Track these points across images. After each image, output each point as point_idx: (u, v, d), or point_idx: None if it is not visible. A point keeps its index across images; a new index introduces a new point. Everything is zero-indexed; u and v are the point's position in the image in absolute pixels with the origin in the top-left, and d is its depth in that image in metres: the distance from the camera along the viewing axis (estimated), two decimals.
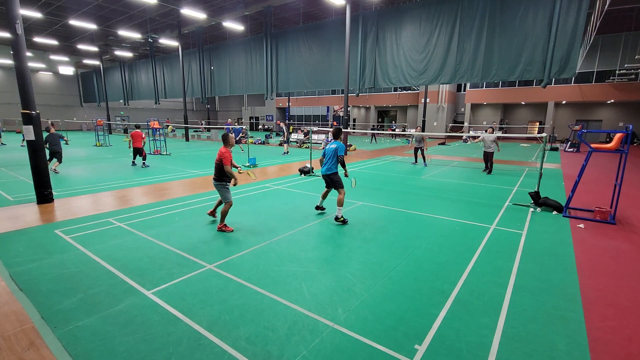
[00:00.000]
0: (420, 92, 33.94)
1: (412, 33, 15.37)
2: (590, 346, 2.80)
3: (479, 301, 3.45)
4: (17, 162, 12.80)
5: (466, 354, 2.68)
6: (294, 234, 5.38)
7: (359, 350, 2.70)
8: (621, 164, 6.21)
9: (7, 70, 34.92)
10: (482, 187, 9.29)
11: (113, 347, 2.70)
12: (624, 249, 4.96)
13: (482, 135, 11.56)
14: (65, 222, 5.85)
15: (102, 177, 10.24)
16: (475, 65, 13.79)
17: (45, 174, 7.06)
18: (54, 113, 37.40)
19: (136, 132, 12.37)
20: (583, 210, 6.90)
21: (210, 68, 25.46)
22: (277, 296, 3.48)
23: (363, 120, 43.97)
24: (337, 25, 17.80)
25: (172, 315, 3.13)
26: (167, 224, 5.79)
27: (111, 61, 36.66)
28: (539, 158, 16.51)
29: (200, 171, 11.58)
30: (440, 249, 4.83)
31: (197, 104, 52.43)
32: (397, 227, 5.78)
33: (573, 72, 11.85)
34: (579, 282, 3.89)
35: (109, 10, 21.70)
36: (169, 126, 24.23)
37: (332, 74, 18.46)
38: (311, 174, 10.83)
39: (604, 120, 29.11)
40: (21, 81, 6.73)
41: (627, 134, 5.91)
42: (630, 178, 10.89)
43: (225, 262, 4.28)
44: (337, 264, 4.32)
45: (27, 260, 4.29)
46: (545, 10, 12.01)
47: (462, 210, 6.92)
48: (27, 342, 2.77)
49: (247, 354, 2.63)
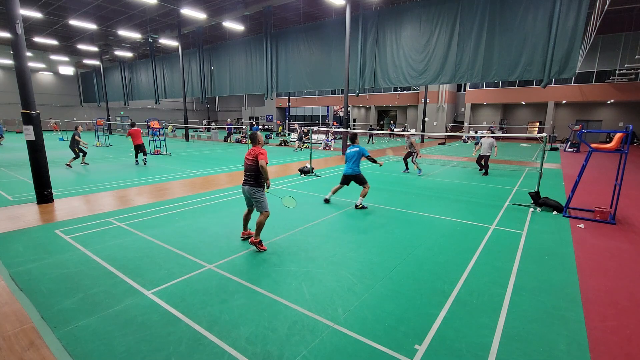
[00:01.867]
0: (420, 92, 33.94)
1: (412, 33, 15.37)
2: (590, 346, 2.80)
3: (479, 301, 3.45)
4: (17, 162, 12.80)
5: (466, 354, 2.68)
6: (293, 233, 5.38)
7: (359, 350, 2.70)
8: (621, 164, 6.21)
9: (7, 70, 34.93)
10: (482, 187, 9.29)
11: (113, 347, 2.70)
12: (624, 249, 4.96)
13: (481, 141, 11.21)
14: (65, 222, 5.85)
15: (102, 177, 10.24)
16: (475, 65, 13.79)
17: (45, 174, 7.07)
18: (54, 113, 37.42)
19: (134, 129, 12.45)
20: (583, 210, 6.90)
21: (210, 68, 25.46)
22: (277, 296, 3.48)
23: (363, 120, 43.96)
24: (337, 25, 17.80)
25: (172, 315, 3.13)
26: (167, 224, 5.78)
27: (111, 61, 36.65)
28: (539, 158, 16.51)
29: (200, 171, 11.58)
30: (440, 249, 4.83)
31: (197, 104, 52.45)
32: (397, 227, 5.78)
33: (573, 72, 11.85)
34: (579, 282, 3.89)
35: (109, 10, 21.70)
36: (168, 126, 24.24)
37: (332, 74, 18.46)
38: (311, 174, 10.83)
39: (604, 120, 29.11)
40: (21, 81, 6.73)
41: (627, 134, 5.91)
42: (630, 178, 10.89)
43: (225, 262, 4.28)
44: (337, 264, 4.32)
45: (27, 260, 4.29)
46: (545, 10, 12.01)
47: (462, 210, 6.92)
48: (27, 342, 2.77)
49: (247, 354, 2.63)
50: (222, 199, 7.66)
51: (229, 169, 12.27)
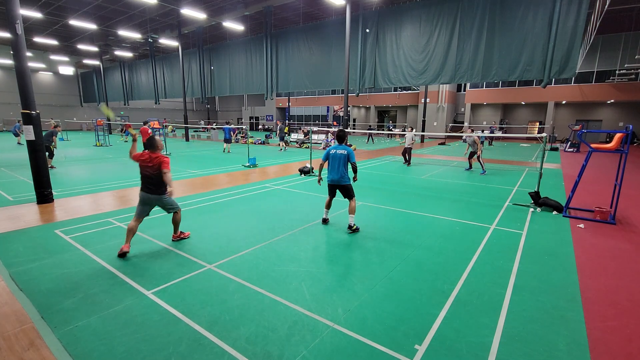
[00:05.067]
0: (420, 92, 33.93)
1: (412, 33, 15.37)
2: (590, 346, 2.80)
3: (479, 301, 3.45)
4: (17, 162, 12.80)
5: (466, 354, 2.68)
6: (294, 234, 5.38)
7: (359, 350, 2.70)
8: (621, 164, 6.21)
9: (7, 70, 34.93)
10: (482, 187, 9.29)
11: (113, 347, 2.70)
12: (624, 249, 4.96)
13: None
14: (65, 222, 5.85)
15: (102, 177, 10.24)
16: (475, 65, 13.79)
17: (45, 174, 7.06)
18: (54, 113, 37.41)
19: (143, 127, 13.11)
20: (583, 210, 6.90)
21: (210, 68, 25.46)
22: (277, 296, 3.47)
23: (363, 120, 43.96)
24: (337, 25, 17.80)
25: (172, 315, 3.13)
26: (167, 224, 5.78)
27: (111, 61, 36.66)
28: (539, 158, 16.51)
29: (200, 171, 11.58)
30: (440, 249, 4.83)
31: (197, 104, 52.46)
32: (397, 227, 5.78)
33: (573, 72, 11.86)
34: (579, 282, 3.89)
35: (109, 10, 21.69)
36: (168, 126, 24.26)
37: (332, 74, 18.47)
38: (311, 174, 10.83)
39: (604, 120, 29.10)
40: (21, 81, 6.73)
41: (627, 134, 5.91)
42: (630, 178, 10.89)
43: (225, 262, 4.28)
44: (337, 263, 4.32)
45: (27, 260, 4.29)
46: (545, 10, 12.02)
47: (462, 210, 6.92)
48: (27, 342, 2.76)
49: (247, 354, 2.63)
50: (222, 199, 7.66)
51: (229, 169, 12.27)
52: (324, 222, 5.93)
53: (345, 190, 5.53)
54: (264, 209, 6.85)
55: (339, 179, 5.47)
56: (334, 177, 5.50)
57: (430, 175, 11.28)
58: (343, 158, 5.43)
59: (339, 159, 5.43)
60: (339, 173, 5.45)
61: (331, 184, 5.59)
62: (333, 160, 5.48)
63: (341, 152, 5.43)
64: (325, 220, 5.93)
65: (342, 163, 5.44)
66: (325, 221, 5.93)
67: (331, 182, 5.56)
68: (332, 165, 5.50)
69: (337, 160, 5.45)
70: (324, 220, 5.94)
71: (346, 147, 5.48)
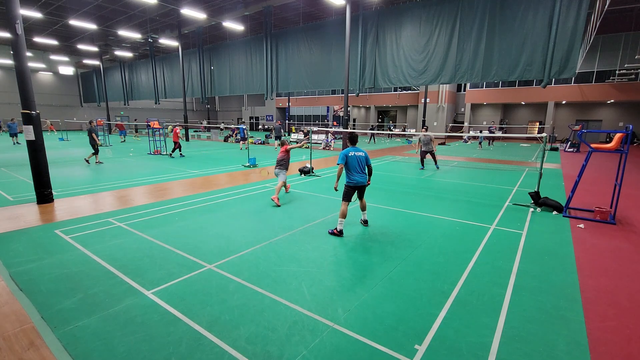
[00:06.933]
0: (420, 92, 33.95)
1: (412, 33, 15.37)
2: (590, 346, 2.80)
3: (479, 301, 3.45)
4: (17, 162, 12.80)
5: (466, 354, 2.68)
6: (294, 234, 5.38)
7: (359, 350, 2.70)
8: (621, 164, 6.21)
9: (7, 70, 34.92)
10: (482, 187, 9.29)
11: (113, 347, 2.70)
12: (624, 249, 4.96)
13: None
14: (65, 222, 5.85)
15: (102, 177, 10.24)
16: (475, 65, 13.80)
17: (45, 174, 7.07)
18: (54, 113, 37.41)
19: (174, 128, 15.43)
20: (583, 210, 6.90)
21: (210, 68, 25.47)
22: (277, 296, 3.47)
23: (363, 120, 43.97)
24: (337, 25, 17.80)
25: (172, 315, 3.13)
26: (167, 224, 5.78)
27: (111, 61, 36.64)
28: (539, 158, 16.51)
29: (200, 171, 11.58)
30: (440, 249, 4.83)
31: (197, 104, 52.45)
32: (397, 227, 5.78)
33: (573, 72, 11.86)
34: (579, 282, 3.89)
35: (109, 10, 21.70)
36: (168, 126, 24.25)
37: (332, 74, 18.46)
38: (311, 174, 10.83)
39: (604, 120, 29.11)
40: (21, 81, 6.73)
41: (627, 134, 5.91)
42: (630, 178, 10.89)
43: (225, 262, 4.28)
44: (337, 264, 4.32)
45: (27, 260, 4.29)
46: (545, 10, 12.02)
47: (462, 210, 6.92)
48: (27, 342, 2.77)
49: (247, 354, 2.63)
50: (222, 199, 7.66)
51: (229, 169, 12.27)
52: (341, 234, 5.33)
53: (362, 190, 5.52)
54: (264, 209, 6.85)
55: (362, 180, 5.39)
56: (358, 179, 5.37)
57: (430, 175, 11.28)
58: (363, 160, 5.44)
59: (359, 161, 5.40)
60: (362, 175, 5.40)
61: (356, 185, 5.41)
62: (354, 163, 5.37)
63: (360, 154, 5.44)
64: (341, 232, 5.33)
65: (363, 165, 5.45)
66: (341, 233, 5.33)
67: (356, 184, 5.39)
68: (353, 167, 5.37)
69: (358, 162, 5.39)
70: (340, 232, 5.32)
71: (361, 149, 5.50)
